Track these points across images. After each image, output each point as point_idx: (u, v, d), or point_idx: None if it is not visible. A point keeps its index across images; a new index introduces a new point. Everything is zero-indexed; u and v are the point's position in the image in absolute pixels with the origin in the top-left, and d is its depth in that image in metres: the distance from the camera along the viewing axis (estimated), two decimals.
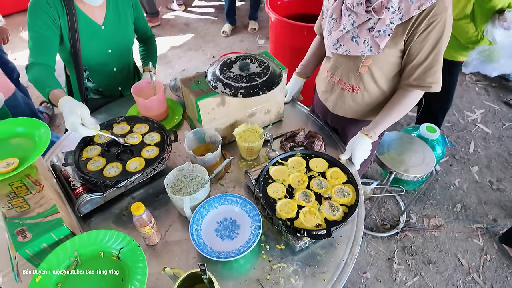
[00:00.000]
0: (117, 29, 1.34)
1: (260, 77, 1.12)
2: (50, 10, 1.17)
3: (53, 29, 1.19)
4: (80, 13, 1.24)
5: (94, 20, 1.28)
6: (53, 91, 1.09)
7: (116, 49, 1.38)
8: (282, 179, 1.02)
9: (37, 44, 1.19)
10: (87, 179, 0.99)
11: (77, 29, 1.23)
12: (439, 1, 0.92)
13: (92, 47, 1.31)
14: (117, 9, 1.32)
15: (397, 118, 1.15)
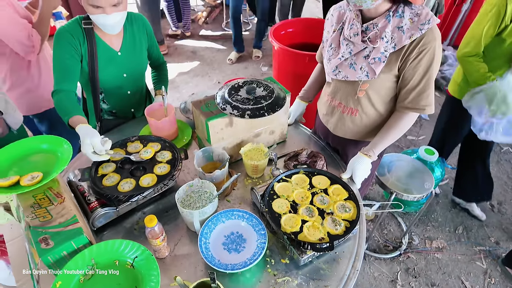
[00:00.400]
0: (132, 55, 1.45)
1: (265, 100, 1.21)
2: (73, 40, 1.28)
3: (75, 58, 1.30)
4: (99, 40, 1.35)
5: (111, 47, 1.39)
6: (72, 118, 1.18)
7: (131, 73, 1.48)
8: (286, 195, 1.08)
9: (61, 72, 1.29)
10: (102, 194, 1.05)
11: (95, 56, 1.34)
12: (428, 32, 1.03)
13: (108, 71, 1.41)
14: (133, 37, 1.44)
15: (395, 138, 1.22)
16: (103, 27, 1.28)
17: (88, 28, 1.30)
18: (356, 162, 1.22)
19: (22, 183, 0.90)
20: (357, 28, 1.10)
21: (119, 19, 1.27)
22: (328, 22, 1.27)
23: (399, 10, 1.05)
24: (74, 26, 1.30)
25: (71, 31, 1.29)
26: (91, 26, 1.31)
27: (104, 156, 1.10)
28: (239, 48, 3.97)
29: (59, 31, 1.28)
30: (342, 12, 1.21)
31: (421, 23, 1.02)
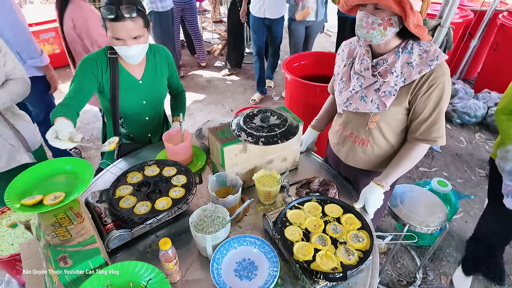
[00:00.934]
0: (153, 84, 1.54)
1: (279, 128, 1.25)
2: (95, 67, 1.38)
3: (92, 83, 1.39)
4: (122, 69, 1.44)
5: (133, 76, 1.47)
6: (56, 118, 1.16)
7: (150, 100, 1.56)
8: (299, 223, 1.08)
9: (75, 91, 1.35)
10: (119, 216, 1.08)
11: (117, 83, 1.43)
12: (437, 67, 1.07)
13: (129, 98, 1.49)
14: (155, 67, 1.53)
15: (407, 169, 1.23)
16: (125, 58, 1.37)
17: (112, 58, 1.40)
18: (369, 191, 1.23)
19: (45, 202, 0.94)
20: (367, 63, 1.15)
21: (139, 51, 1.36)
22: (339, 57, 1.34)
23: (408, 46, 1.10)
24: (100, 55, 1.40)
25: (96, 59, 1.39)
26: (116, 56, 1.40)
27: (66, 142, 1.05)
28: (263, 90, 3.96)
29: (86, 58, 1.39)
30: (352, 48, 1.28)
31: (430, 59, 1.07)
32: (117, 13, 1.23)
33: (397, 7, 0.96)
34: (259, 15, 3.42)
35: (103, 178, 1.43)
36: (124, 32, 1.27)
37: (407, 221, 1.65)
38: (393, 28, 1.04)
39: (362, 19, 1.05)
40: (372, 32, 1.05)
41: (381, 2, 0.97)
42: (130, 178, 1.24)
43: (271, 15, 3.39)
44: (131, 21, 1.26)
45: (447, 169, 2.92)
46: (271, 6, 3.34)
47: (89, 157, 3.00)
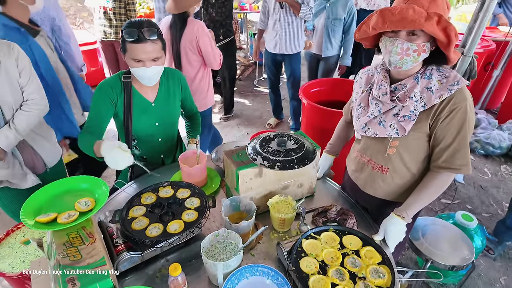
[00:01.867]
0: (165, 106, 1.56)
1: (296, 153, 1.22)
2: (111, 93, 1.43)
3: (109, 107, 1.44)
4: (136, 92, 1.48)
5: (146, 98, 1.51)
6: (96, 142, 1.29)
7: (163, 122, 1.58)
8: (315, 254, 1.03)
9: (94, 117, 1.43)
10: (130, 237, 1.06)
11: (131, 106, 1.47)
12: (457, 92, 1.04)
13: (142, 120, 1.52)
14: (168, 90, 1.56)
15: (430, 200, 1.17)
16: (141, 79, 1.41)
17: (126, 82, 1.45)
18: (390, 223, 1.16)
19: (59, 221, 0.93)
20: (385, 88, 1.13)
21: (156, 72, 1.40)
22: (357, 84, 1.33)
23: (427, 72, 1.09)
24: (114, 80, 1.46)
25: (111, 84, 1.44)
26: (130, 80, 1.45)
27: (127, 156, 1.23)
28: (279, 116, 3.93)
29: (101, 84, 1.45)
30: (370, 75, 1.27)
31: (450, 84, 1.05)
32: (138, 36, 1.28)
33: (442, 35, 0.95)
34: (274, 51, 3.25)
35: (118, 198, 1.43)
36: (145, 53, 1.32)
37: (430, 256, 1.55)
38: (425, 54, 1.04)
39: (397, 45, 1.03)
40: (406, 58, 1.04)
41: (426, 29, 0.95)
42: (144, 199, 1.23)
43: (286, 50, 3.20)
44: (151, 43, 1.31)
45: (471, 202, 2.78)
46: (287, 41, 3.14)
47: (105, 175, 3.04)
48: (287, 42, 3.15)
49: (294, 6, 2.94)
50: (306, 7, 2.94)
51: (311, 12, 2.97)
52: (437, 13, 0.94)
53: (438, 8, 0.98)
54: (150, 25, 1.32)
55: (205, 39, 2.25)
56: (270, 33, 3.22)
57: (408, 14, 0.95)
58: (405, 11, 0.95)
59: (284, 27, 3.09)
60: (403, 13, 0.95)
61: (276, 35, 3.15)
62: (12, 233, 1.28)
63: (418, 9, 0.94)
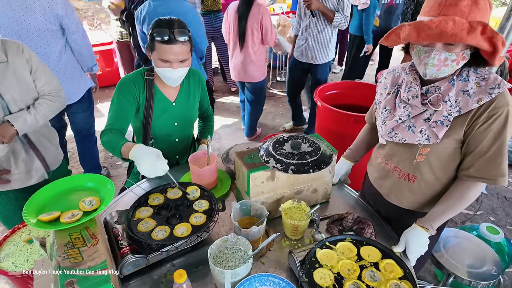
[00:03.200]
0: (185, 106, 1.53)
1: (311, 156, 1.15)
2: (134, 89, 1.39)
3: (132, 104, 1.39)
4: (158, 91, 1.44)
5: (167, 98, 1.47)
6: (126, 143, 1.22)
7: (181, 123, 1.54)
8: (330, 265, 0.96)
9: (117, 114, 1.37)
10: (136, 239, 1.01)
11: (152, 104, 1.43)
12: (499, 96, 0.94)
13: (161, 120, 1.48)
14: (188, 90, 1.52)
15: (457, 211, 1.08)
16: (167, 80, 1.37)
17: (149, 79, 1.41)
18: (411, 235, 1.08)
19: (62, 220, 0.90)
20: (416, 91, 1.05)
21: (182, 74, 1.37)
22: (381, 85, 1.24)
23: (463, 74, 0.99)
24: (137, 76, 1.41)
25: (133, 81, 1.39)
26: (152, 78, 1.41)
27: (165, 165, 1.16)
28: (297, 123, 3.74)
29: (123, 79, 1.40)
30: (396, 76, 1.18)
31: (490, 87, 0.95)
32: (169, 36, 1.25)
33: (487, 45, 0.86)
34: (301, 59, 3.03)
35: (126, 198, 1.39)
36: (173, 55, 1.28)
37: (452, 271, 1.45)
38: (464, 61, 0.95)
39: (433, 57, 0.94)
40: (444, 69, 0.95)
41: (471, 42, 0.86)
42: (152, 199, 1.19)
43: (314, 60, 2.96)
44: (181, 44, 1.28)
45: (495, 213, 2.63)
46: (316, 50, 2.91)
47: (117, 175, 3.04)
48: (315, 51, 2.92)
49: (327, 15, 2.71)
50: (341, 16, 2.71)
51: (346, 21, 2.74)
52: (480, 22, 0.84)
53: (481, 11, 0.87)
54: (181, 25, 1.29)
55: (267, 17, 2.76)
56: (299, 40, 3.01)
57: (447, 28, 0.84)
58: (444, 24, 0.85)
59: (314, 34, 2.86)
60: (442, 27, 0.85)
61: (304, 43, 2.94)
62: (18, 231, 1.26)
63: (458, 20, 0.84)
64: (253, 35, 2.84)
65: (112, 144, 1.27)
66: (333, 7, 2.70)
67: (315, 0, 2.62)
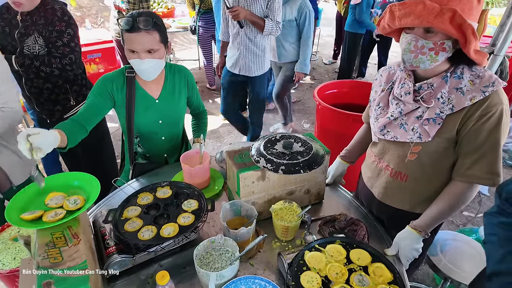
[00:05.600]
0: (170, 103, 1.51)
1: (302, 156, 1.13)
2: (111, 86, 1.39)
3: (106, 102, 1.39)
4: (139, 88, 1.43)
5: (150, 95, 1.45)
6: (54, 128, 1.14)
7: (166, 120, 1.52)
8: (318, 268, 0.93)
9: (86, 107, 1.37)
10: (122, 239, 1.00)
11: (133, 102, 1.42)
12: (493, 94, 0.91)
13: (145, 117, 1.46)
14: (173, 87, 1.50)
15: (451, 213, 1.05)
16: (139, 72, 1.36)
17: (130, 76, 1.40)
18: (404, 238, 1.05)
19: (45, 219, 0.88)
20: (408, 87, 1.02)
21: (153, 66, 1.33)
22: (376, 82, 1.22)
23: (457, 71, 0.96)
24: (117, 74, 1.41)
25: (112, 78, 1.40)
26: (133, 75, 1.40)
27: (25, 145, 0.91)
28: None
29: (103, 77, 1.40)
30: (391, 73, 1.16)
31: (484, 85, 0.92)
32: (133, 25, 1.24)
33: (456, 32, 0.84)
34: (234, 70, 2.61)
35: (117, 196, 1.38)
36: (139, 44, 1.27)
37: (450, 275, 1.41)
38: (445, 53, 0.92)
39: (410, 42, 0.93)
40: (421, 57, 0.93)
41: (437, 26, 0.85)
42: (141, 199, 1.17)
43: (249, 72, 2.57)
44: (146, 33, 1.26)
45: None
46: (249, 61, 2.52)
47: None
48: (249, 62, 2.52)
49: (257, 23, 2.32)
50: (272, 22, 2.33)
51: (278, 27, 2.38)
52: (451, 8, 0.82)
53: (462, 1, 0.85)
54: (148, 15, 1.27)
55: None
56: (231, 49, 2.59)
57: (416, 10, 0.85)
58: (414, 6, 0.86)
59: (245, 43, 2.45)
60: (411, 8, 0.86)
61: (236, 52, 2.52)
62: (7, 228, 1.25)
63: (429, 4, 0.84)
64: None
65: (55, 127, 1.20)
66: (262, 12, 2.32)
67: (241, 9, 2.24)
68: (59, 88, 1.81)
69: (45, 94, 1.80)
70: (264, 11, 2.32)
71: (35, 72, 1.66)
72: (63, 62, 1.69)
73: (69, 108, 1.89)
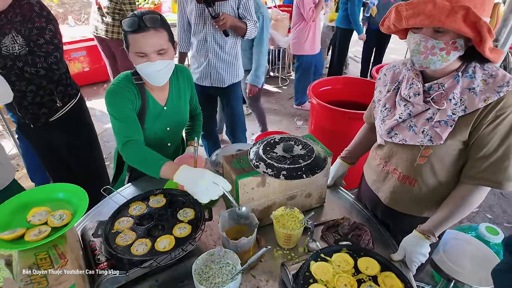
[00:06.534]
0: (176, 109, 1.41)
1: (304, 160, 1.07)
2: (130, 94, 1.25)
3: (133, 111, 1.27)
4: (149, 96, 1.32)
5: (158, 102, 1.35)
6: (167, 163, 1.10)
7: (174, 126, 1.44)
8: (325, 280, 0.88)
9: (128, 125, 1.23)
10: (114, 255, 0.92)
11: (145, 112, 1.31)
12: (508, 95, 0.87)
13: (154, 126, 1.37)
14: (178, 91, 1.41)
15: (460, 217, 1.01)
16: (149, 78, 1.24)
17: (140, 84, 1.28)
18: (412, 244, 1.01)
19: (27, 238, 0.80)
20: (418, 88, 0.97)
21: (164, 68, 1.22)
22: (380, 82, 1.16)
23: (469, 70, 0.92)
24: (127, 82, 1.27)
25: (125, 87, 1.25)
26: (142, 82, 1.29)
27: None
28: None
29: (114, 89, 1.24)
30: (397, 72, 1.10)
31: (498, 85, 0.87)
32: (139, 24, 1.14)
33: (470, 31, 0.79)
34: (202, 83, 2.28)
35: (108, 205, 1.30)
36: (148, 45, 1.16)
37: (452, 275, 1.39)
38: (457, 52, 0.87)
39: (420, 43, 0.88)
40: (432, 57, 0.88)
41: (449, 26, 0.79)
42: (133, 209, 1.09)
43: (221, 82, 2.25)
44: (154, 31, 1.16)
45: (491, 210, 2.59)
46: (220, 70, 2.21)
47: None
48: (221, 71, 2.20)
49: (239, 28, 2.05)
50: (251, 23, 2.08)
51: (256, 27, 2.14)
52: (464, 6, 0.77)
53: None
54: (152, 13, 1.18)
55: None
56: (196, 59, 2.23)
57: (425, 9, 0.80)
58: (423, 5, 0.81)
59: (214, 51, 2.13)
60: (420, 8, 0.81)
61: (204, 61, 2.18)
62: None
63: (440, 2, 0.79)
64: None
65: (147, 162, 1.14)
66: (233, 12, 2.04)
67: (228, 16, 1.95)
68: (43, 90, 1.69)
69: (29, 97, 1.68)
70: (235, 11, 2.04)
71: (17, 74, 1.54)
72: (49, 61, 1.57)
73: (55, 110, 1.77)
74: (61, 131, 1.82)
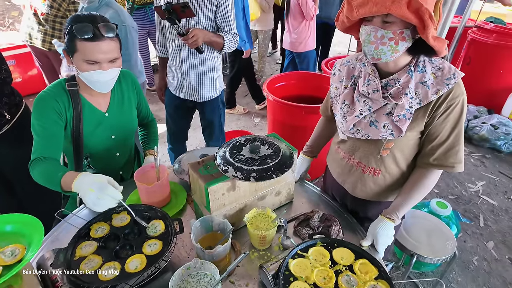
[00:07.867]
0: (120, 115, 1.34)
1: (272, 159, 1.08)
2: (57, 105, 1.17)
3: (59, 124, 1.18)
4: (85, 102, 1.24)
5: (98, 108, 1.27)
6: (66, 173, 1.04)
7: (119, 134, 1.36)
8: (305, 276, 0.89)
9: (44, 140, 1.16)
10: (79, 284, 0.84)
11: (81, 120, 1.22)
12: (455, 86, 0.96)
13: (96, 135, 1.28)
14: (122, 96, 1.34)
15: (419, 199, 1.09)
16: (96, 85, 1.17)
17: (73, 90, 1.20)
18: (379, 227, 1.07)
19: None
20: (376, 84, 1.02)
21: (114, 76, 1.19)
22: (335, 78, 1.20)
23: (419, 64, 0.99)
24: (57, 90, 1.19)
25: (55, 96, 1.17)
26: (77, 88, 1.20)
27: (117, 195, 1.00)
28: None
29: (41, 97, 1.16)
30: (351, 68, 1.15)
31: (446, 77, 0.96)
32: (94, 32, 1.06)
33: (413, 17, 0.84)
34: (179, 94, 2.05)
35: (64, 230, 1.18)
36: (102, 53, 1.10)
37: (415, 251, 1.50)
38: (405, 43, 0.92)
39: (370, 33, 0.92)
40: (382, 48, 0.92)
41: (394, 12, 0.84)
42: (95, 231, 1.01)
43: (196, 96, 2.02)
44: (109, 41, 1.10)
45: (437, 185, 2.84)
46: (196, 83, 1.96)
47: None
48: (195, 85, 1.96)
49: (215, 42, 1.83)
50: (230, 36, 1.86)
51: (236, 40, 1.93)
52: None
53: None
54: (105, 20, 1.11)
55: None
56: (171, 68, 2.01)
57: None
58: None
59: (189, 61, 1.89)
60: None
61: (179, 72, 1.95)
62: None
63: None
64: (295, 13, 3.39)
65: (48, 177, 1.07)
66: (209, 22, 1.80)
67: (199, 32, 1.72)
68: None
69: None
70: (212, 20, 1.80)
71: None
72: None
73: (4, 123, 1.55)
74: (8, 144, 1.61)
